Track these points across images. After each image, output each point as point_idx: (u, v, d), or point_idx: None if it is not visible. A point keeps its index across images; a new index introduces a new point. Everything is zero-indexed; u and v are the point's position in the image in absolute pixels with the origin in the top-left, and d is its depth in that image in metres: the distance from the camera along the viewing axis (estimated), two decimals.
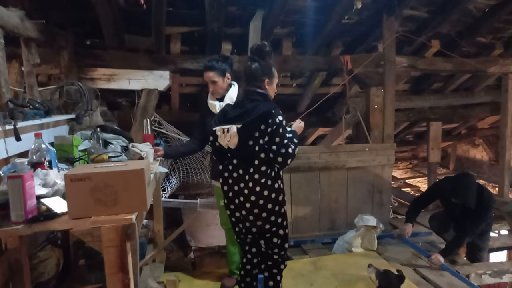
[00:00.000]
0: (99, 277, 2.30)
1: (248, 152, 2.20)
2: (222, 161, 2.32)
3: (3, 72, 2.36)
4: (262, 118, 2.15)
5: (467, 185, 3.41)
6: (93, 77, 3.98)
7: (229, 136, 2.20)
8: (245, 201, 2.26)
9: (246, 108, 2.22)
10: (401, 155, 8.38)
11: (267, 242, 2.34)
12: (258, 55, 2.29)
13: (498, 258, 5.21)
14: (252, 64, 2.29)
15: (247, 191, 2.23)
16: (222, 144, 2.25)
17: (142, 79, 4.09)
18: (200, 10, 3.81)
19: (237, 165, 2.25)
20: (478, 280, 3.51)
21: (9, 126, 2.01)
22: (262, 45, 2.32)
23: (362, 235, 3.72)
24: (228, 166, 2.28)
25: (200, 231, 4.47)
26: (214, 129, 2.28)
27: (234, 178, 2.27)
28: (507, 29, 5.01)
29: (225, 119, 2.27)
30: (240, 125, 2.18)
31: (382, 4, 4.19)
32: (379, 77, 4.56)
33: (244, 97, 2.34)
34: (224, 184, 2.33)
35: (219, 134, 2.25)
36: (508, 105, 5.22)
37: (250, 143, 2.18)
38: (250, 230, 2.33)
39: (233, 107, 2.35)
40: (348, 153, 4.17)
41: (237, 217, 2.37)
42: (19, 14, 2.64)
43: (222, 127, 2.25)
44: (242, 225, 2.36)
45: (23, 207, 1.48)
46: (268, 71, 2.30)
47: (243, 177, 2.23)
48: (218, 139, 2.26)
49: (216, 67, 2.63)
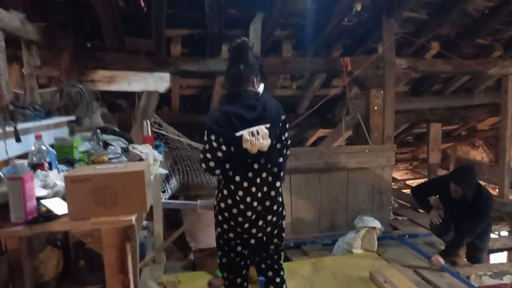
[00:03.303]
0: (99, 278, 2.30)
1: (275, 153, 2.11)
2: (239, 170, 2.08)
3: (4, 74, 2.37)
4: (279, 115, 2.12)
5: (469, 172, 3.50)
6: (93, 79, 3.98)
7: (261, 138, 2.02)
8: (272, 204, 2.13)
9: (260, 107, 2.07)
10: (401, 157, 8.37)
11: (276, 247, 2.30)
12: (240, 54, 2.10)
13: (498, 259, 5.20)
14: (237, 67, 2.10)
15: (274, 193, 2.14)
16: (251, 149, 2.02)
17: (143, 81, 4.09)
18: (201, 12, 3.82)
19: (259, 169, 2.08)
20: (478, 281, 3.50)
21: (10, 128, 2.02)
22: (242, 42, 2.11)
23: (362, 236, 3.72)
24: (247, 174, 2.07)
25: (200, 232, 4.47)
26: (240, 134, 2.02)
27: (257, 185, 2.08)
28: (506, 31, 5.02)
29: (247, 122, 2.04)
30: (268, 124, 2.06)
31: (381, 6, 4.20)
32: (379, 79, 4.57)
33: (246, 97, 2.11)
34: (247, 194, 2.08)
35: (248, 139, 2.01)
36: (508, 106, 5.23)
37: (274, 142, 2.09)
38: (269, 235, 2.22)
39: (243, 108, 2.08)
40: (348, 154, 4.17)
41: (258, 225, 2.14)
42: (20, 16, 2.65)
43: (249, 130, 2.02)
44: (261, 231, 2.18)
45: (23, 208, 1.49)
46: (254, 69, 2.14)
47: (266, 179, 2.10)
48: (245, 145, 2.02)
49: None
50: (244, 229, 2.15)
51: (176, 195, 4.65)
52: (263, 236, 2.21)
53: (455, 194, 3.45)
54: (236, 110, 2.06)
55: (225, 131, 2.02)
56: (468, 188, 3.36)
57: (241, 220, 2.12)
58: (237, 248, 2.25)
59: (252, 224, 2.14)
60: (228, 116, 2.03)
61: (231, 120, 2.03)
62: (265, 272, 2.33)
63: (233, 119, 2.03)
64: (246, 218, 2.12)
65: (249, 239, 2.20)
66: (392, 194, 4.86)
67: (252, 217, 2.12)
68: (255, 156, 2.05)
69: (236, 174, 2.08)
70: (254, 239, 2.20)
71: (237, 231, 2.17)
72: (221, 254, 2.29)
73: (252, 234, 2.17)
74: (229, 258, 2.28)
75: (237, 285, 2.33)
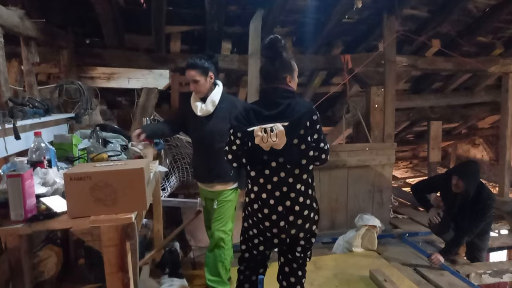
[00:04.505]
0: (99, 276, 2.30)
1: (295, 152, 2.02)
2: (255, 166, 2.07)
3: (2, 71, 2.36)
4: (307, 114, 2.02)
5: (473, 166, 3.49)
6: (92, 76, 3.97)
7: (275, 136, 1.97)
8: (292, 205, 2.06)
9: (284, 105, 2.03)
10: (402, 155, 8.37)
11: (303, 250, 2.22)
12: (272, 51, 2.08)
13: (498, 257, 5.21)
14: (268, 63, 2.10)
15: (294, 194, 2.05)
16: (263, 146, 1.99)
17: (142, 78, 4.08)
18: (200, 9, 3.81)
19: (277, 167, 2.03)
20: (478, 279, 3.51)
21: (9, 125, 2.01)
22: (274, 39, 2.08)
23: (362, 235, 3.72)
24: (263, 171, 2.04)
25: (200, 230, 4.44)
26: (251, 130, 2.00)
27: (274, 183, 2.04)
28: (507, 29, 5.01)
29: (262, 118, 2.01)
30: (287, 123, 1.99)
31: (382, 4, 4.18)
32: (380, 77, 4.56)
33: (274, 95, 2.07)
34: (262, 191, 2.06)
35: (260, 135, 1.98)
36: (508, 104, 5.23)
37: (295, 141, 2.01)
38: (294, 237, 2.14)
39: (265, 104, 2.06)
40: (348, 152, 4.17)
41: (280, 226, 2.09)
42: (19, 13, 2.64)
43: (262, 126, 1.98)
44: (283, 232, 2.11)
45: (22, 206, 1.48)
46: (287, 67, 2.10)
47: (285, 180, 2.04)
48: (256, 140, 1.99)
49: (199, 65, 2.53)
50: (266, 227, 2.11)
51: (175, 193, 4.64)
52: (286, 238, 2.15)
53: (456, 188, 3.43)
54: (257, 106, 2.09)
55: (239, 126, 2.06)
56: (471, 182, 3.34)
57: (261, 217, 2.10)
58: (260, 247, 2.21)
59: (273, 224, 2.09)
60: (248, 112, 2.06)
61: (249, 116, 2.05)
62: (287, 277, 2.24)
63: (251, 114, 2.05)
64: (265, 216, 2.08)
65: (272, 238, 2.15)
66: (392, 192, 4.86)
67: (272, 217, 2.07)
68: (271, 154, 2.01)
69: (251, 169, 2.10)
70: (277, 239, 2.15)
71: (260, 228, 2.14)
72: (244, 249, 2.28)
73: (274, 234, 2.12)
74: (250, 254, 2.26)
75: (251, 282, 2.30)
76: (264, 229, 2.13)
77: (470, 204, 3.43)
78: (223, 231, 2.70)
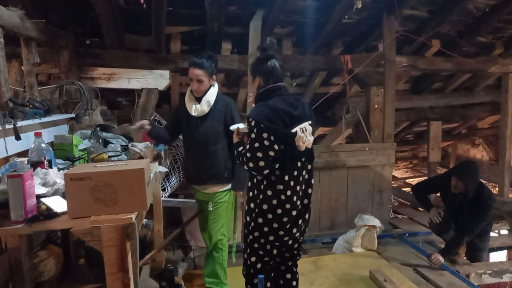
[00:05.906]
0: (99, 276, 2.29)
1: (312, 149, 2.12)
2: (290, 168, 2.01)
3: (3, 71, 2.36)
4: (312, 113, 2.12)
5: (471, 166, 3.50)
6: (93, 77, 3.98)
7: (309, 135, 2.02)
8: (308, 203, 2.14)
9: (300, 103, 2.06)
10: (401, 155, 8.38)
11: (299, 245, 2.30)
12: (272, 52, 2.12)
13: (498, 257, 5.20)
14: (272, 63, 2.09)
15: (310, 190, 2.14)
16: (301, 146, 2.00)
17: (142, 78, 4.08)
18: (200, 9, 3.81)
19: (301, 167, 2.05)
20: (478, 279, 3.51)
21: (9, 125, 2.01)
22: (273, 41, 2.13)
23: (362, 235, 3.72)
24: (293, 172, 2.02)
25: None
26: (295, 131, 1.97)
27: (300, 183, 2.06)
28: (507, 29, 5.01)
29: (294, 119, 1.99)
30: (310, 122, 2.06)
31: (382, 4, 4.18)
32: (379, 77, 4.56)
33: (287, 94, 2.09)
34: (293, 193, 2.03)
35: (301, 136, 1.98)
36: (508, 104, 5.23)
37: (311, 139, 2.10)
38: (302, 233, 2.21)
39: (287, 104, 2.01)
40: (348, 152, 4.17)
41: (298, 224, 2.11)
42: (19, 13, 2.64)
43: (300, 126, 1.99)
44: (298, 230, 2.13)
45: (23, 207, 1.48)
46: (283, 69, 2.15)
47: (305, 178, 2.09)
48: (297, 141, 1.98)
49: (205, 65, 2.49)
50: (286, 229, 2.05)
51: (176, 193, 4.64)
52: (299, 236, 2.17)
53: (455, 189, 3.44)
54: (282, 106, 1.98)
55: (277, 127, 1.93)
56: (470, 183, 3.35)
57: (286, 220, 2.03)
58: (273, 251, 2.13)
59: (293, 224, 2.08)
60: (278, 113, 1.95)
61: (282, 117, 1.95)
62: (283, 274, 2.26)
63: (282, 115, 1.95)
64: (291, 217, 2.04)
65: (288, 240, 2.12)
66: (392, 192, 4.86)
67: (295, 215, 2.06)
68: (300, 154, 2.02)
69: (285, 173, 1.99)
70: (292, 239, 2.14)
71: (278, 234, 2.05)
72: (255, 260, 2.14)
73: (291, 234, 2.10)
74: (263, 263, 2.15)
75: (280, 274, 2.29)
76: (284, 233, 2.07)
77: (470, 204, 3.43)
78: (221, 233, 2.69)
